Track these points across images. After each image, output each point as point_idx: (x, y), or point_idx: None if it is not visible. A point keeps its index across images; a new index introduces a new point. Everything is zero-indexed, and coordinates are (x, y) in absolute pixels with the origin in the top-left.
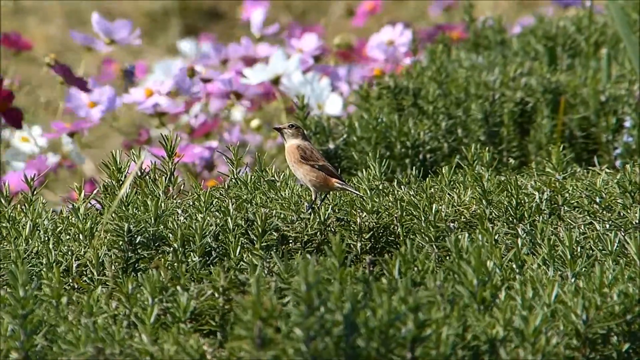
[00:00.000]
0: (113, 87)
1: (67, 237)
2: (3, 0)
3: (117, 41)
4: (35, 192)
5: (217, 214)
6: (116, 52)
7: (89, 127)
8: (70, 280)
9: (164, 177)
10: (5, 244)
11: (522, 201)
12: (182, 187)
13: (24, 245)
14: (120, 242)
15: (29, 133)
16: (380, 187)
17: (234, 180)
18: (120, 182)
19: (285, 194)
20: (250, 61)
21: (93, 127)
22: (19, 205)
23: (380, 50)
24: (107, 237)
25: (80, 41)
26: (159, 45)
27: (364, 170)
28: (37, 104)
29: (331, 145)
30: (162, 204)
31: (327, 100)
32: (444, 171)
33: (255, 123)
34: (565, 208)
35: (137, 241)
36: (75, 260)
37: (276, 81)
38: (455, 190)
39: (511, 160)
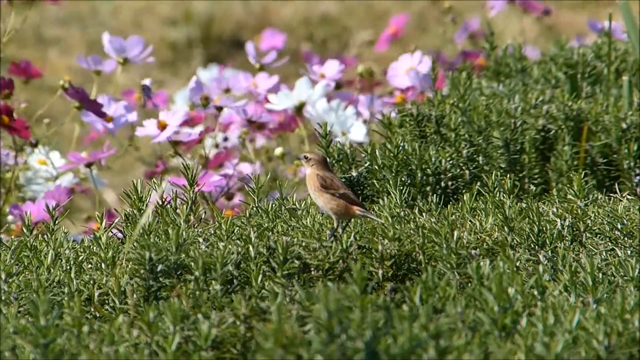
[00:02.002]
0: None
1: (89, 266)
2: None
3: (130, 59)
4: (56, 222)
5: (238, 242)
6: (137, 83)
7: (108, 156)
8: (92, 309)
9: (184, 206)
10: (27, 273)
11: (544, 228)
12: (202, 216)
13: (45, 274)
14: (142, 271)
15: (46, 155)
16: (402, 214)
17: (255, 208)
18: (141, 211)
19: (306, 222)
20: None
21: (113, 156)
22: (40, 235)
23: (408, 76)
24: (129, 266)
25: (86, 65)
26: (182, 76)
27: (385, 197)
28: (55, 132)
29: (354, 173)
30: (184, 233)
31: (351, 127)
32: (465, 198)
33: (278, 151)
34: (587, 235)
35: (158, 269)
36: (97, 289)
37: (300, 108)
38: (476, 217)
39: (532, 187)
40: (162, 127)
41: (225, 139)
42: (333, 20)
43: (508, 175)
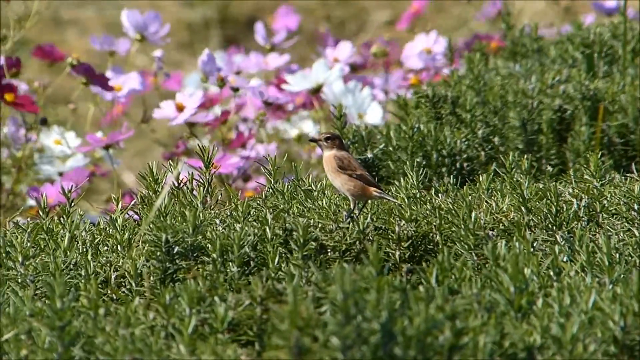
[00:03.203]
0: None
1: (105, 248)
2: (40, 11)
3: (148, 37)
4: (72, 204)
5: (255, 224)
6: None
7: (126, 138)
8: (109, 292)
9: (201, 188)
10: (43, 255)
11: (561, 208)
12: (219, 198)
13: (62, 257)
14: (158, 253)
15: (61, 135)
16: (418, 195)
17: (271, 190)
18: (157, 193)
19: (322, 203)
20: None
21: (131, 138)
22: (56, 217)
23: (419, 58)
24: (146, 248)
25: (98, 46)
26: (199, 57)
27: (401, 179)
28: (72, 113)
29: (369, 155)
30: (200, 214)
31: (368, 109)
32: (481, 179)
33: (294, 133)
34: (604, 215)
35: (175, 252)
36: (113, 272)
37: (317, 90)
38: (493, 198)
39: (549, 168)
40: (180, 108)
41: (245, 120)
42: (351, 1)
43: (525, 156)
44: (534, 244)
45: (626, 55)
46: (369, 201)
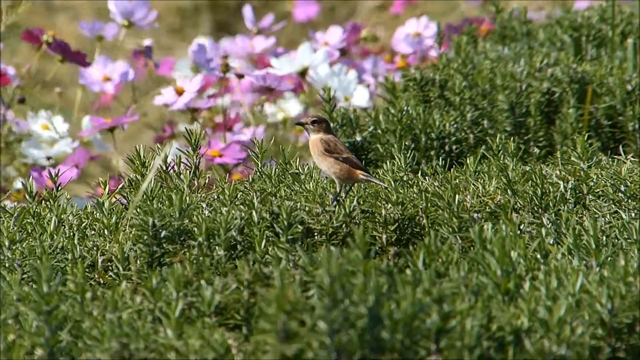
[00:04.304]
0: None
1: (92, 232)
2: None
3: (136, 22)
4: (59, 188)
5: (241, 207)
6: (144, 48)
7: (130, 121)
8: (96, 276)
9: (188, 171)
10: (30, 240)
11: (547, 191)
12: (206, 181)
13: (49, 241)
14: (145, 237)
15: (49, 120)
16: (405, 178)
17: (258, 173)
18: (145, 177)
19: (309, 186)
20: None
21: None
22: (44, 202)
23: (407, 42)
24: (132, 232)
25: (88, 32)
26: (190, 42)
27: (389, 162)
28: (60, 97)
29: (358, 138)
30: (187, 198)
31: (354, 92)
32: (469, 162)
33: (280, 116)
34: (590, 197)
35: (162, 235)
36: (100, 256)
37: (303, 73)
38: (480, 180)
39: (537, 150)
40: (179, 93)
41: (238, 105)
42: None
43: (512, 138)
44: (521, 227)
45: (614, 38)
46: (356, 184)
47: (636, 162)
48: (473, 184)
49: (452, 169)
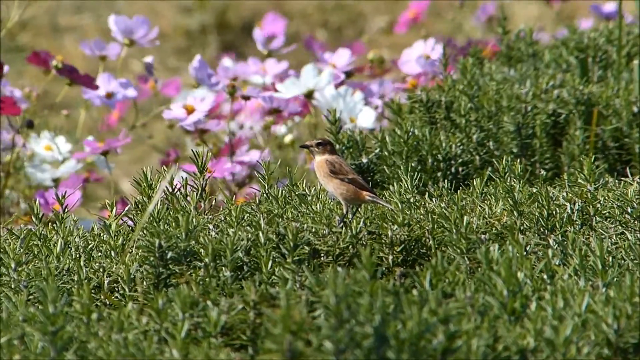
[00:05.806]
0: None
1: (99, 254)
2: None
3: (137, 41)
4: (66, 210)
5: (248, 228)
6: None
7: (123, 145)
8: (101, 297)
9: (194, 193)
10: (36, 261)
11: (554, 212)
12: (213, 203)
13: (55, 262)
14: (152, 258)
15: (52, 141)
16: (412, 200)
17: (265, 195)
18: (152, 199)
19: (316, 208)
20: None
21: (128, 145)
22: (50, 224)
23: (419, 64)
24: (139, 254)
25: (89, 51)
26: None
27: (395, 183)
28: (66, 119)
29: (364, 160)
30: (194, 220)
31: (359, 113)
32: (475, 183)
33: (288, 138)
34: (597, 218)
35: (168, 257)
36: (106, 277)
37: (309, 95)
38: (486, 202)
39: (543, 172)
40: (190, 111)
41: (241, 127)
42: (348, 6)
43: (519, 160)
44: (527, 248)
45: (621, 60)
46: (362, 205)
47: None
48: (480, 206)
49: (458, 191)
